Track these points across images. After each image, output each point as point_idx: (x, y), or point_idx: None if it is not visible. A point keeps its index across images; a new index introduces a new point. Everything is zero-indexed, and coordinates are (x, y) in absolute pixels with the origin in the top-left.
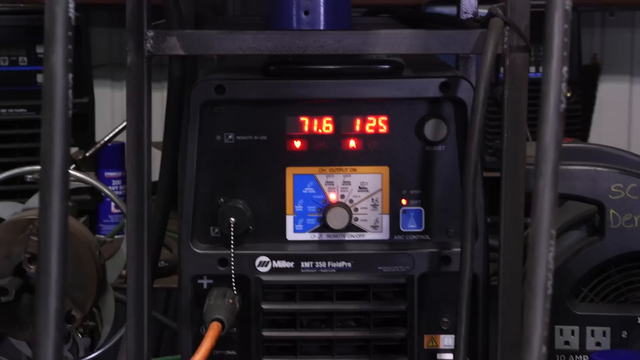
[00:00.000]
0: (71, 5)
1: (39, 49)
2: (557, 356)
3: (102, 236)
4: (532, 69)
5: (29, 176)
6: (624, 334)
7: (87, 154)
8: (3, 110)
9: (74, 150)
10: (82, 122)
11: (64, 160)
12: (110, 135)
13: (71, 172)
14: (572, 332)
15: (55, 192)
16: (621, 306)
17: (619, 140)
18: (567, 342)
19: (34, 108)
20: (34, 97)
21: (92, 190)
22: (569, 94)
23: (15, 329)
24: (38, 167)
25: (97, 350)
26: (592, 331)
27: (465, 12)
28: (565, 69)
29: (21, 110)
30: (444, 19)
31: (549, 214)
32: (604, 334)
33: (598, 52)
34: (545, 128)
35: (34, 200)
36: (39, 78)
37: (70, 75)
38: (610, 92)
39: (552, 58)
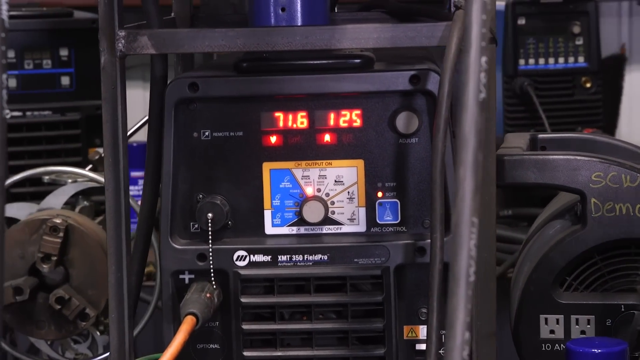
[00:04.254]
0: (4, 7)
1: (63, 52)
2: (543, 345)
3: None
4: (551, 60)
5: (46, 177)
6: (609, 322)
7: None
8: (28, 113)
9: (94, 150)
10: None
11: None
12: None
13: (84, 172)
14: (557, 321)
15: None
16: (605, 294)
17: None
18: (552, 331)
19: (59, 110)
20: (59, 99)
21: None
22: (588, 85)
23: (31, 327)
24: (54, 168)
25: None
26: (577, 320)
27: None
28: (484, 59)
29: (46, 112)
30: (430, 12)
31: (470, 201)
32: (589, 322)
33: (626, 41)
34: (464, 117)
35: (49, 201)
36: (64, 80)
37: (5, 76)
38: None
39: (470, 48)
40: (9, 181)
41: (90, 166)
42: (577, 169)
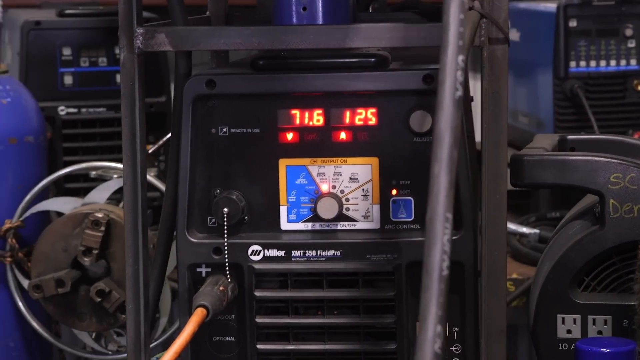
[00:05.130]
0: None
1: (118, 50)
2: (560, 345)
3: None
4: (603, 63)
5: (93, 173)
6: (625, 323)
7: (150, 151)
8: (84, 110)
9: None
10: (159, 120)
11: None
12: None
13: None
14: (574, 321)
15: None
16: (622, 295)
17: None
18: (569, 331)
19: (114, 107)
20: (114, 96)
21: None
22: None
23: (73, 319)
24: (99, 164)
25: (155, 340)
26: (594, 320)
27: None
28: (460, 57)
29: (101, 109)
30: None
31: (444, 197)
32: (606, 322)
33: None
34: (440, 114)
35: (92, 196)
36: (119, 78)
37: None
38: None
39: (447, 47)
40: (54, 176)
41: None
42: (596, 170)
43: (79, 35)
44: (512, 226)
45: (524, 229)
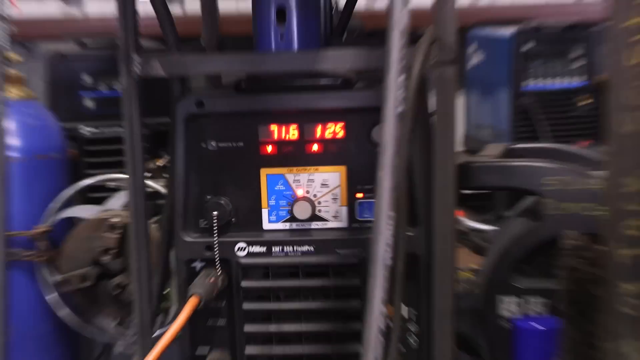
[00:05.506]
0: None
1: None
2: (502, 323)
3: None
4: (551, 81)
5: (111, 183)
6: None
7: (161, 164)
8: (106, 129)
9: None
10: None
11: None
12: None
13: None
14: (515, 303)
15: None
16: (555, 280)
17: None
18: (510, 311)
19: None
20: None
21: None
22: (584, 103)
23: (96, 309)
24: (114, 176)
25: (166, 324)
26: (532, 301)
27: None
28: (400, 78)
29: (118, 128)
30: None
31: (387, 198)
32: (542, 304)
33: None
34: (385, 127)
35: (110, 203)
36: None
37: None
38: None
39: (390, 69)
40: (77, 186)
41: (150, 174)
42: (534, 173)
43: (98, 64)
44: (473, 224)
45: (483, 226)
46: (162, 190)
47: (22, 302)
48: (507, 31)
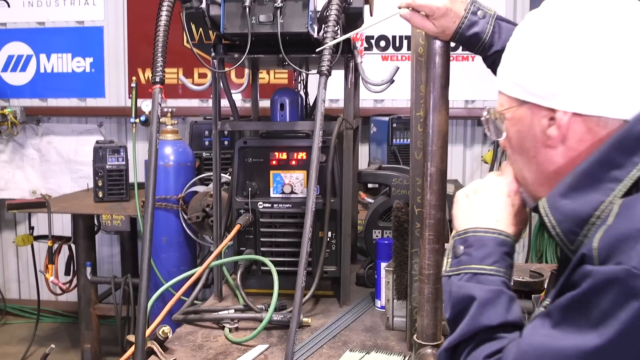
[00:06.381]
0: None
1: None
2: (373, 241)
3: None
4: (404, 140)
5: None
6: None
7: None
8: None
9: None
10: None
11: None
12: None
13: (224, 175)
14: (379, 233)
15: None
16: (396, 234)
17: None
18: (377, 236)
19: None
20: (225, 148)
21: None
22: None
23: (202, 231)
24: (209, 174)
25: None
26: (384, 231)
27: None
28: (320, 133)
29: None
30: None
31: (313, 182)
32: (388, 232)
33: None
34: (313, 153)
35: (209, 186)
36: (226, 142)
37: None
38: None
39: (315, 130)
40: (197, 178)
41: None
42: (387, 176)
43: (209, 127)
44: (367, 198)
45: (370, 200)
46: (228, 178)
47: (171, 227)
48: (386, 118)
